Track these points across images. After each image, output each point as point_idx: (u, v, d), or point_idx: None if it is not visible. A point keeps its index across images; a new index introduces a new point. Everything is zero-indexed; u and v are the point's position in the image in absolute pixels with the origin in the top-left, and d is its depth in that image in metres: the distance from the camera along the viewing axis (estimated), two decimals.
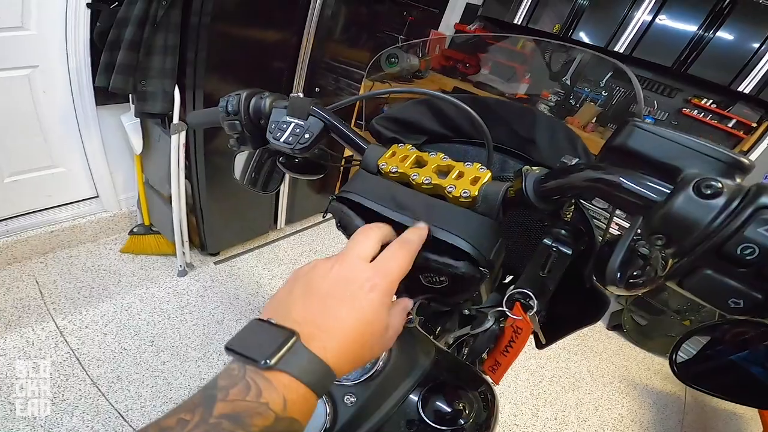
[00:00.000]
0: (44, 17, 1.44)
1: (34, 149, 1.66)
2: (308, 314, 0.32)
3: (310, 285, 0.34)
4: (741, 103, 2.25)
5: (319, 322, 0.31)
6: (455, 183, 0.40)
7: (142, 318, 1.69)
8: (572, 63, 2.58)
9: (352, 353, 0.31)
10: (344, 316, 0.32)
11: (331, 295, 0.33)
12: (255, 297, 1.96)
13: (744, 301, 0.24)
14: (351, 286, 0.33)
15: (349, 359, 0.31)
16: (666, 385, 2.17)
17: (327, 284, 0.33)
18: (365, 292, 0.33)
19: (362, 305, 0.32)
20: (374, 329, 0.33)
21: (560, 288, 0.47)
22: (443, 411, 0.51)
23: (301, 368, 0.28)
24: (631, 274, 0.31)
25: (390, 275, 0.34)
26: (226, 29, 1.46)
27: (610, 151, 0.32)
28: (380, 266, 0.35)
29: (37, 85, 1.54)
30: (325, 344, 0.30)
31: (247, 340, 0.29)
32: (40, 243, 1.80)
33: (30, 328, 1.51)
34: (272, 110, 0.56)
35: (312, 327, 0.31)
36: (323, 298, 0.32)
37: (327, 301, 0.32)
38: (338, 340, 0.31)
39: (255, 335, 0.30)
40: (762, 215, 0.22)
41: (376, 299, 0.33)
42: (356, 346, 0.32)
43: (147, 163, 1.84)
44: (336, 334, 0.31)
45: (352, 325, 0.31)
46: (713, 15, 2.15)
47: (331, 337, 0.31)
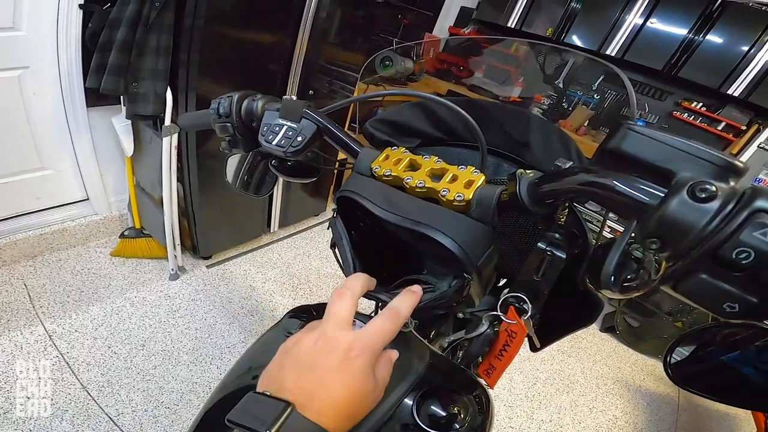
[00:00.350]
0: (36, 18, 1.42)
1: (24, 151, 1.63)
2: (300, 385, 0.34)
3: (297, 358, 0.36)
4: (730, 106, 2.28)
5: (310, 391, 0.33)
6: (449, 186, 0.40)
7: (132, 322, 1.67)
8: (565, 66, 2.60)
9: (346, 414, 0.34)
10: (333, 384, 0.34)
11: (318, 366, 0.35)
12: (247, 301, 1.94)
13: (739, 306, 0.24)
14: (336, 356, 0.35)
15: (344, 420, 0.34)
16: (659, 387, 2.18)
17: (313, 357, 0.35)
18: (350, 361, 0.35)
19: (349, 371, 0.34)
20: (363, 391, 0.35)
21: (554, 291, 0.47)
22: (438, 415, 0.51)
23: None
24: (626, 277, 0.31)
25: (373, 346, 0.37)
26: (219, 31, 1.46)
27: (603, 154, 0.32)
28: (362, 337, 0.37)
29: (28, 86, 1.52)
30: (319, 411, 0.32)
31: (247, 413, 0.31)
32: (29, 246, 1.78)
33: (18, 331, 1.49)
34: (264, 113, 0.55)
35: (305, 397, 0.33)
36: (312, 369, 0.34)
37: (316, 372, 0.34)
38: (331, 406, 0.33)
39: (253, 407, 0.32)
40: (757, 219, 0.22)
41: (360, 365, 0.35)
42: (349, 407, 0.34)
43: (138, 166, 1.82)
44: (328, 401, 0.33)
45: (342, 391, 0.34)
46: (703, 18, 2.18)
47: (325, 405, 0.33)
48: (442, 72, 2.50)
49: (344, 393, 0.34)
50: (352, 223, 0.49)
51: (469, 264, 0.38)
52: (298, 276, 2.20)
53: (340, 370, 0.34)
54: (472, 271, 0.39)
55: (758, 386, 0.46)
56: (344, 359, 0.35)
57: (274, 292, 2.05)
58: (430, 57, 1.56)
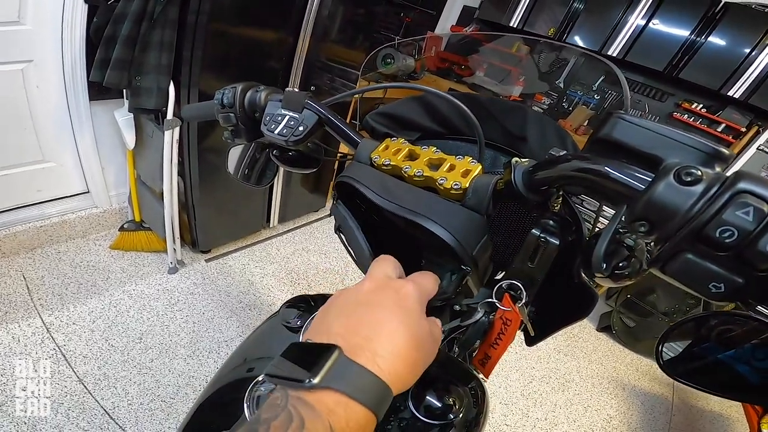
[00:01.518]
0: (41, 12, 1.43)
1: (26, 143, 1.64)
2: (350, 326, 0.29)
3: (346, 302, 0.32)
4: (731, 108, 2.29)
5: (363, 331, 0.29)
6: (446, 175, 0.41)
7: (130, 315, 1.67)
8: (566, 66, 2.61)
9: (407, 362, 0.29)
10: (391, 324, 0.29)
11: (371, 304, 0.31)
12: (246, 295, 1.95)
13: (725, 285, 0.25)
14: (391, 294, 0.32)
15: (405, 368, 0.29)
16: (654, 387, 2.19)
17: (364, 297, 0.32)
18: (406, 301, 0.32)
19: (407, 311, 0.31)
20: (423, 338, 0.31)
21: (549, 284, 0.48)
22: (433, 406, 0.51)
23: (349, 384, 0.25)
24: (617, 264, 0.32)
25: (424, 288, 0.34)
26: (222, 27, 1.46)
27: (595, 142, 0.33)
28: (415, 279, 0.35)
29: (31, 79, 1.53)
30: (375, 354, 0.27)
31: (287, 363, 0.27)
32: (29, 238, 1.78)
33: (16, 324, 1.49)
34: (267, 103, 0.56)
35: (356, 338, 0.28)
36: (364, 309, 0.31)
37: (368, 310, 0.30)
38: (389, 348, 0.28)
39: (295, 358, 0.28)
40: (740, 199, 0.23)
41: (417, 307, 0.32)
42: (410, 353, 0.29)
43: (139, 159, 1.82)
44: (386, 343, 0.28)
45: (402, 332, 0.29)
46: (705, 20, 2.18)
47: (381, 345, 0.28)
48: (444, 70, 2.51)
49: (404, 335, 0.29)
50: (354, 211, 0.49)
51: (464, 254, 0.39)
52: (296, 271, 2.21)
53: (398, 308, 0.31)
54: (468, 262, 0.40)
55: (752, 383, 0.47)
56: (400, 298, 0.31)
57: (273, 286, 2.05)
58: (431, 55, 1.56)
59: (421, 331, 0.31)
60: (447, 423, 0.50)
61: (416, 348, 0.30)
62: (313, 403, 0.25)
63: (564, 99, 2.76)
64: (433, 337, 0.33)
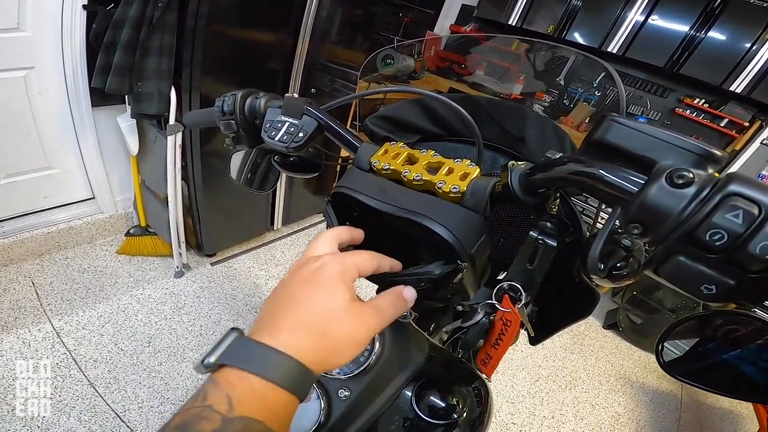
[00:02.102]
0: (40, 19, 1.44)
1: (30, 151, 1.65)
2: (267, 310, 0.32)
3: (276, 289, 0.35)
4: (733, 103, 2.27)
5: (274, 311, 0.31)
6: (445, 179, 0.41)
7: (138, 319, 1.69)
8: (566, 64, 2.60)
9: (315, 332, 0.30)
10: (296, 295, 0.31)
11: (287, 283, 0.34)
12: (252, 298, 1.96)
13: (716, 287, 0.25)
14: (305, 270, 0.34)
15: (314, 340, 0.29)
16: (662, 384, 2.18)
17: (287, 278, 0.35)
18: (319, 272, 0.33)
19: (317, 282, 0.32)
20: (335, 304, 0.31)
21: (551, 283, 0.48)
22: (437, 406, 0.52)
23: (243, 359, 0.27)
24: (614, 265, 0.32)
25: (350, 261, 0.34)
26: (222, 31, 1.47)
27: (590, 145, 0.33)
28: (342, 254, 0.36)
29: (33, 86, 1.54)
30: (277, 329, 0.29)
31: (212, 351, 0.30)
32: (36, 244, 1.80)
33: (26, 329, 1.51)
34: (267, 110, 0.57)
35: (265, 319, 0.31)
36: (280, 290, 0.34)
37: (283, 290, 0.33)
38: (291, 321, 0.30)
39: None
40: (730, 202, 0.23)
41: (334, 276, 0.32)
42: (317, 322, 0.30)
43: (143, 164, 1.84)
44: (288, 316, 0.30)
45: (305, 301, 0.31)
46: (705, 15, 2.17)
47: (284, 320, 0.30)
48: (444, 70, 2.51)
49: (308, 307, 0.30)
50: (348, 214, 0.50)
51: (462, 252, 0.39)
52: None
53: (308, 282, 0.32)
54: (465, 260, 0.40)
55: (758, 384, 0.47)
56: (312, 272, 0.33)
57: None
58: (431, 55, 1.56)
59: (334, 303, 0.31)
60: (451, 423, 0.51)
61: (325, 319, 0.30)
62: (217, 379, 0.27)
63: (565, 96, 2.75)
64: (371, 315, 0.33)
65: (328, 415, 0.48)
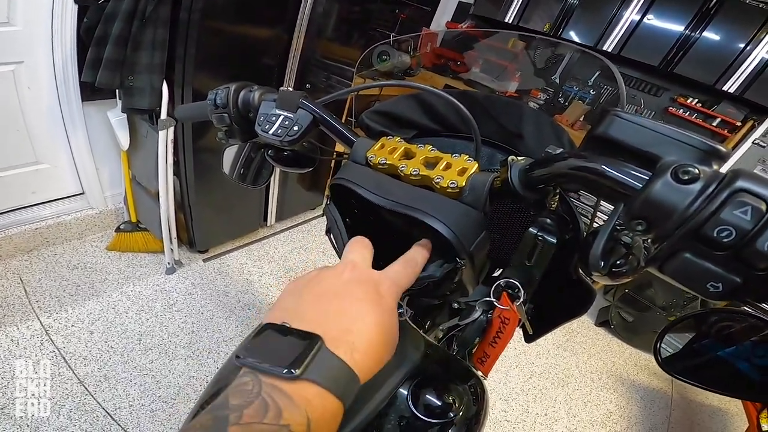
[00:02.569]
0: (31, 13, 1.41)
1: (19, 145, 1.62)
2: (328, 317, 0.29)
3: (322, 287, 0.32)
4: (726, 102, 2.30)
5: (343, 323, 0.29)
6: (443, 174, 0.41)
7: (129, 316, 1.67)
8: (561, 62, 2.61)
9: (377, 355, 0.29)
10: (367, 318, 0.29)
11: (348, 295, 0.31)
12: (244, 294, 1.95)
13: (723, 285, 0.25)
14: (367, 287, 0.31)
15: (373, 362, 0.29)
16: (653, 381, 2.20)
17: (343, 287, 0.31)
18: (381, 295, 0.32)
19: (381, 305, 0.31)
20: (394, 332, 0.31)
21: (547, 281, 0.48)
22: (433, 404, 0.51)
23: (328, 377, 0.25)
24: (614, 262, 0.32)
25: (398, 283, 0.34)
26: (216, 25, 1.45)
27: (592, 140, 0.32)
28: (390, 274, 0.35)
29: (22, 80, 1.51)
30: (352, 347, 0.27)
31: (262, 349, 0.26)
32: (25, 240, 1.77)
33: (15, 326, 1.49)
34: (261, 103, 0.55)
35: (335, 329, 0.28)
36: (342, 300, 0.30)
37: (347, 302, 0.30)
38: (364, 341, 0.28)
39: (270, 342, 0.27)
40: (738, 198, 0.23)
41: (391, 302, 0.32)
42: (381, 347, 0.29)
43: (134, 160, 1.81)
44: (361, 336, 0.28)
45: (376, 326, 0.29)
46: (700, 15, 2.18)
47: (359, 339, 0.28)
48: (440, 67, 2.51)
49: (378, 329, 0.29)
50: (347, 211, 0.49)
51: (461, 249, 0.39)
52: (294, 269, 2.20)
53: (373, 303, 0.30)
54: (464, 256, 0.39)
55: (752, 380, 0.47)
56: (376, 292, 0.31)
57: (271, 285, 2.05)
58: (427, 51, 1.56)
59: (393, 329, 0.32)
60: (447, 421, 0.50)
61: (386, 344, 0.30)
62: (291, 393, 0.24)
63: (560, 94, 2.76)
64: (393, 315, 0.33)
65: None
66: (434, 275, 0.41)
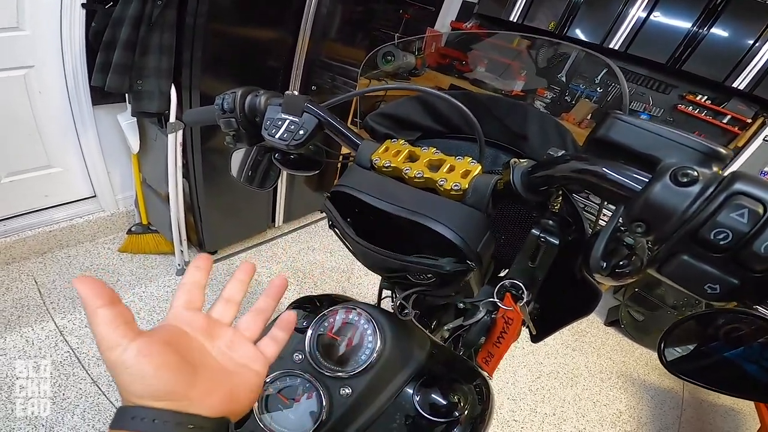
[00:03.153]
0: (39, 18, 1.44)
1: (31, 149, 1.66)
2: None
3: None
4: (735, 99, 2.26)
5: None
6: (446, 176, 0.41)
7: (141, 317, 1.69)
8: (567, 60, 2.59)
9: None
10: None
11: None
12: (254, 295, 1.96)
13: (720, 287, 0.25)
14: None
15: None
16: (664, 381, 2.18)
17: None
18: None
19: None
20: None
21: (553, 281, 0.48)
22: (438, 404, 0.52)
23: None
24: (617, 263, 0.32)
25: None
26: (221, 29, 1.47)
27: (593, 143, 0.33)
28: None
29: (33, 85, 1.54)
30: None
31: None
32: (38, 243, 1.81)
33: (30, 327, 1.52)
34: (267, 107, 0.56)
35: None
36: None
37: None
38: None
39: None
40: (735, 201, 0.23)
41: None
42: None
43: (144, 162, 1.84)
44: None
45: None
46: (707, 11, 2.15)
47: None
48: (445, 66, 2.50)
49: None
50: (348, 211, 0.50)
51: (469, 252, 0.39)
52: (302, 270, 2.22)
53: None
54: (473, 259, 0.40)
55: (761, 382, 0.47)
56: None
57: None
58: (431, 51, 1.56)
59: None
60: (452, 420, 0.51)
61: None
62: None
63: (566, 93, 2.74)
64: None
65: (330, 413, 0.48)
66: (443, 267, 0.41)
